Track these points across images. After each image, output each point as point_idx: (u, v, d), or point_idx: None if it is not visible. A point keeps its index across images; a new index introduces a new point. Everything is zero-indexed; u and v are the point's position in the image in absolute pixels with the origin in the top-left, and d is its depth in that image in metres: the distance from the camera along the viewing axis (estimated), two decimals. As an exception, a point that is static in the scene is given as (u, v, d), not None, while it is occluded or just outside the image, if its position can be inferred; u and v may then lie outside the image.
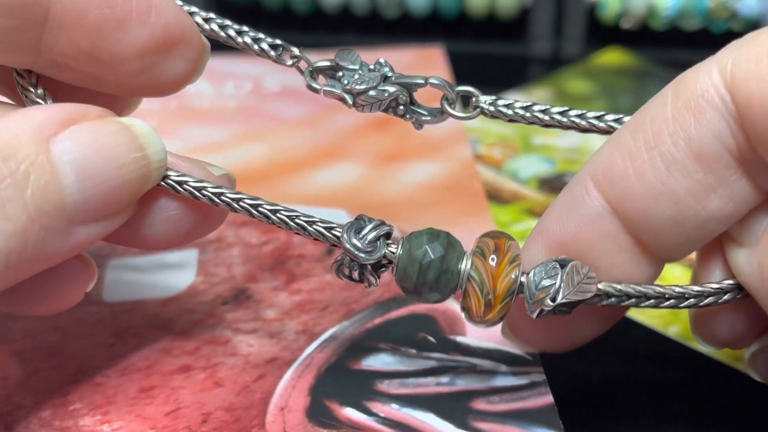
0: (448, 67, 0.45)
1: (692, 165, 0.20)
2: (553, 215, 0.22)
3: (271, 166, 0.37)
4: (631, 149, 0.21)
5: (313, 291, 0.29)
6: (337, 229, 0.22)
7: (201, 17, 0.24)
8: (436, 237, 0.22)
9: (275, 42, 0.24)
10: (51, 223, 0.20)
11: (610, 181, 0.21)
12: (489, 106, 0.24)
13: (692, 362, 0.27)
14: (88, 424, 0.24)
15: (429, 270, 0.22)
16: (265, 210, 0.22)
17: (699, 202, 0.21)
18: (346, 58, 0.23)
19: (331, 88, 0.23)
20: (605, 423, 0.25)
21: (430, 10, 0.50)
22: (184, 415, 0.24)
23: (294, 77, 0.25)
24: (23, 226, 0.19)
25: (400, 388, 0.25)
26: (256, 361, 0.26)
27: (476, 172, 0.36)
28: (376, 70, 0.23)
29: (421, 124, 0.24)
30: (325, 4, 0.50)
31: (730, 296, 0.22)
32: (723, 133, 0.20)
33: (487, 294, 0.22)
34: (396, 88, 0.23)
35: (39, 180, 0.19)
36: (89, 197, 0.20)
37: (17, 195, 0.19)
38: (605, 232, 0.21)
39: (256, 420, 0.24)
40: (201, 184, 0.22)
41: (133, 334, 0.27)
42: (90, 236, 0.21)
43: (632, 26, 0.48)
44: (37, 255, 0.20)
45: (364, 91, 0.23)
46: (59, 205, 0.20)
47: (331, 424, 0.24)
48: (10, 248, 0.19)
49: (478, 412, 0.24)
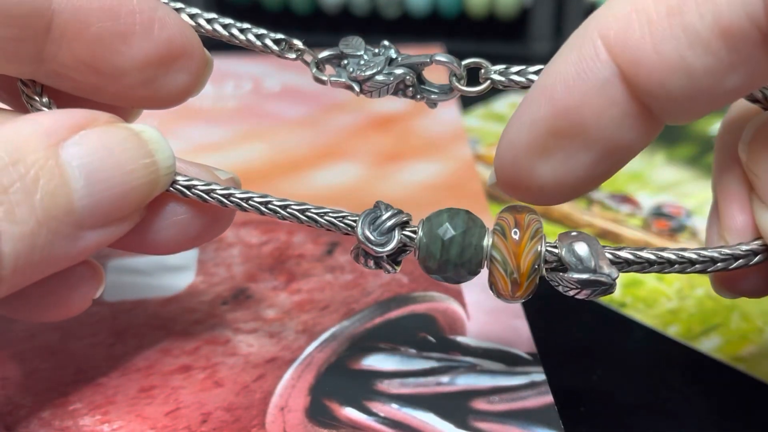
0: (448, 67, 0.45)
1: (716, 42, 0.19)
2: (557, 75, 0.21)
3: (271, 166, 0.37)
4: (650, 13, 0.19)
5: (313, 291, 0.29)
6: (350, 218, 0.22)
7: (204, 18, 0.24)
8: (456, 214, 0.22)
9: (278, 37, 0.24)
10: (59, 227, 0.20)
11: (623, 47, 0.19)
12: (499, 76, 0.23)
13: (692, 362, 0.27)
14: (88, 424, 0.24)
15: (452, 246, 0.21)
16: (275, 206, 0.22)
17: (717, 80, 0.19)
18: (351, 45, 0.23)
19: (337, 78, 0.23)
20: (605, 423, 0.25)
21: (430, 10, 0.50)
22: (184, 415, 0.24)
23: (294, 77, 0.25)
24: (31, 230, 0.19)
25: (400, 388, 0.25)
26: (256, 360, 0.26)
27: (476, 172, 0.36)
28: (380, 53, 0.23)
29: (433, 102, 0.23)
30: (325, 4, 0.50)
31: (761, 257, 0.21)
32: (756, 12, 0.18)
33: (511, 273, 0.21)
34: (402, 70, 0.23)
35: (48, 184, 0.19)
36: (98, 202, 0.20)
37: (26, 199, 0.19)
38: (613, 100, 0.20)
39: (256, 420, 0.24)
40: (209, 187, 0.22)
41: (133, 334, 0.27)
42: (98, 241, 0.21)
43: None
44: (44, 259, 0.20)
45: (371, 76, 0.23)
46: (68, 209, 0.20)
47: (331, 424, 0.24)
48: (18, 252, 0.19)
49: (478, 412, 0.24)
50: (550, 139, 0.21)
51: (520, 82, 0.23)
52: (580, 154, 0.21)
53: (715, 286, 0.23)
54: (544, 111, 0.21)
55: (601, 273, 0.21)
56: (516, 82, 0.23)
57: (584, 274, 0.21)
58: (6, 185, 0.19)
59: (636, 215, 0.34)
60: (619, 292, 0.30)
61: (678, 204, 0.34)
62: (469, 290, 0.29)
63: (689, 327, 0.28)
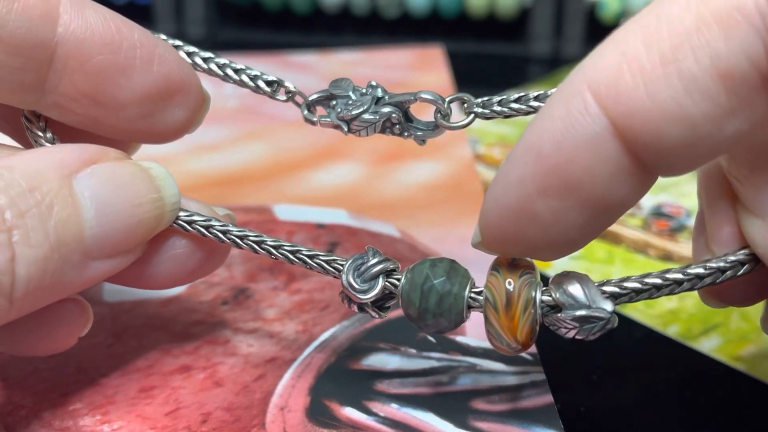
0: (448, 67, 0.45)
1: (715, 87, 0.18)
2: (545, 133, 0.19)
3: (271, 166, 0.37)
4: (643, 62, 0.18)
5: (313, 291, 0.29)
6: (339, 262, 0.22)
7: (200, 57, 0.24)
8: (438, 263, 0.22)
9: (270, 79, 0.24)
10: (69, 255, 0.20)
11: (615, 98, 0.18)
12: (482, 108, 0.23)
13: (692, 362, 0.27)
14: (88, 424, 0.24)
15: (430, 294, 0.21)
16: (268, 246, 0.23)
17: (716, 126, 0.18)
18: (340, 86, 0.24)
19: (326, 119, 0.24)
20: (605, 423, 0.25)
21: (430, 10, 0.50)
22: (184, 415, 0.24)
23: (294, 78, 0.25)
24: (45, 255, 0.20)
25: (400, 388, 0.25)
26: (256, 360, 0.26)
27: (476, 172, 0.36)
28: (367, 93, 0.24)
29: (421, 139, 0.24)
30: (325, 4, 0.50)
31: (748, 267, 0.21)
32: (756, 53, 0.17)
33: (509, 345, 0.21)
34: (389, 108, 0.23)
35: (62, 212, 0.20)
36: (106, 233, 0.21)
37: (41, 225, 0.19)
38: (605, 155, 0.19)
39: (256, 420, 0.24)
40: (209, 223, 0.23)
41: (133, 334, 0.27)
42: (102, 272, 0.21)
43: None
44: (53, 285, 0.20)
45: (357, 115, 0.23)
46: (78, 237, 0.20)
47: (331, 424, 0.24)
48: (30, 275, 0.19)
49: (478, 412, 0.24)
50: (538, 199, 0.19)
51: (503, 112, 0.23)
52: (570, 214, 0.20)
53: (702, 297, 0.23)
54: (532, 169, 0.19)
55: (596, 308, 0.21)
56: (498, 112, 0.23)
57: (579, 311, 0.21)
58: (23, 210, 0.19)
59: (636, 215, 0.34)
60: (619, 292, 0.30)
61: (678, 204, 0.34)
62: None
63: (689, 327, 0.28)
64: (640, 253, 0.32)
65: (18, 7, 0.21)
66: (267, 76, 0.25)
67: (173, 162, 0.35)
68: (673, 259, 0.31)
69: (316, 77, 0.44)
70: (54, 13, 0.21)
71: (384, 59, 0.46)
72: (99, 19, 0.22)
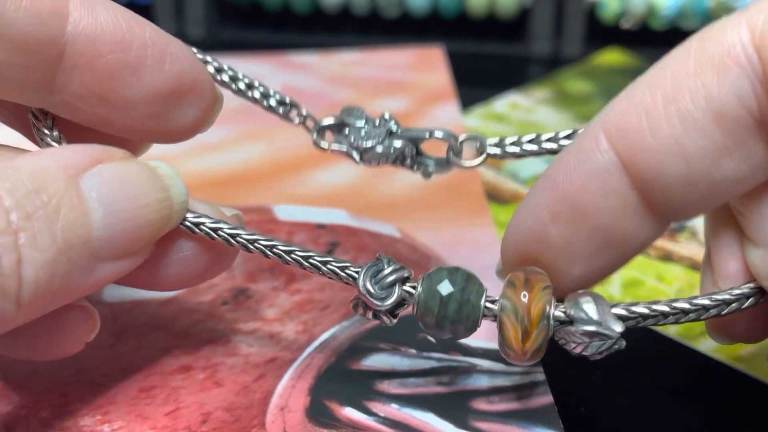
0: (448, 68, 0.45)
1: (710, 125, 0.19)
2: (561, 165, 0.21)
3: (271, 166, 0.37)
4: (647, 103, 0.20)
5: (313, 291, 0.29)
6: (352, 269, 0.22)
7: (213, 67, 0.24)
8: (455, 272, 0.22)
9: (284, 99, 0.24)
10: (77, 257, 0.20)
11: (622, 135, 0.20)
12: (495, 148, 0.24)
13: (692, 362, 0.27)
14: (88, 424, 0.24)
15: (450, 302, 0.22)
16: (280, 251, 0.22)
17: (713, 163, 0.20)
18: (352, 114, 0.24)
19: (338, 146, 0.24)
20: (605, 423, 0.25)
21: (430, 10, 0.50)
22: (184, 415, 0.24)
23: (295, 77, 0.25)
24: (52, 258, 0.19)
25: (400, 388, 0.25)
26: (256, 361, 0.26)
27: (476, 172, 0.36)
28: (381, 125, 0.24)
29: (429, 174, 0.24)
30: (325, 4, 0.50)
31: (753, 301, 0.21)
32: (746, 94, 0.19)
33: (522, 320, 0.21)
34: (401, 143, 0.23)
35: (69, 214, 0.19)
36: (114, 234, 0.20)
37: (48, 227, 0.19)
38: (612, 188, 0.21)
39: (256, 420, 0.24)
40: (217, 225, 0.22)
41: (133, 334, 0.27)
42: (111, 274, 0.21)
43: (632, 26, 0.49)
44: (61, 288, 0.20)
45: (371, 147, 0.23)
46: (86, 239, 0.20)
47: (331, 424, 0.24)
48: (38, 279, 0.19)
49: (478, 412, 0.24)
50: (551, 224, 0.21)
51: (515, 153, 0.24)
52: (579, 241, 0.21)
53: (710, 333, 0.24)
54: (546, 197, 0.21)
55: (606, 326, 0.21)
56: (512, 153, 0.24)
57: (590, 326, 0.21)
58: (30, 212, 0.19)
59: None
60: (618, 292, 0.30)
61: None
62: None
63: (689, 327, 0.28)
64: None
65: (27, 3, 0.20)
66: (279, 96, 0.24)
67: (173, 162, 0.35)
68: (672, 259, 0.31)
69: (316, 77, 0.44)
70: (64, 11, 0.21)
71: (384, 59, 0.46)
72: (110, 16, 0.22)
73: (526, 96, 0.43)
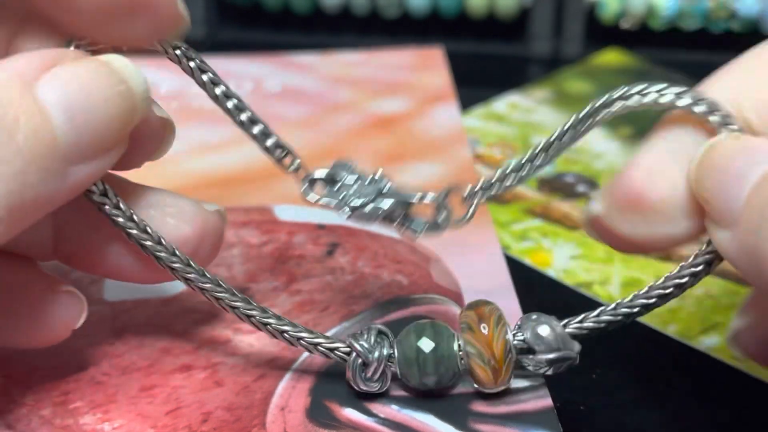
0: (448, 68, 0.45)
1: None
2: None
3: (271, 166, 0.37)
4: None
5: (314, 291, 0.29)
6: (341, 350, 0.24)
7: (221, 89, 0.24)
8: (421, 330, 0.24)
9: (280, 143, 0.24)
10: (47, 164, 0.20)
11: None
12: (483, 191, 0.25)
13: (692, 361, 0.27)
14: (89, 422, 0.24)
15: (426, 364, 0.24)
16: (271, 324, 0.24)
17: None
18: (344, 168, 0.24)
19: (326, 201, 0.24)
20: (604, 422, 0.25)
21: (430, 10, 0.50)
22: (185, 415, 0.24)
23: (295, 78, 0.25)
24: (20, 169, 0.19)
25: (400, 389, 0.25)
26: (257, 361, 0.26)
27: (476, 173, 0.36)
28: (372, 183, 0.24)
29: (415, 237, 0.24)
30: (325, 4, 0.50)
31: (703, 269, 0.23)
32: None
33: (489, 361, 0.23)
34: (391, 204, 0.24)
35: (29, 123, 0.19)
36: (81, 135, 0.20)
37: (9, 139, 0.19)
38: None
39: (256, 420, 0.24)
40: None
41: (133, 333, 0.27)
42: (87, 175, 0.21)
43: (632, 26, 0.49)
44: (37, 197, 0.20)
45: (359, 207, 0.24)
46: (52, 145, 0.20)
47: (331, 425, 0.24)
48: (10, 191, 0.19)
49: (477, 414, 0.24)
50: None
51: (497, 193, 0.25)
52: None
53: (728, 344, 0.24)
54: None
55: (565, 350, 0.23)
56: (493, 196, 0.25)
57: (551, 354, 0.23)
58: None
59: (635, 215, 0.34)
60: (618, 291, 0.30)
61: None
62: (469, 293, 0.29)
63: (688, 326, 0.28)
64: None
65: None
66: (276, 138, 0.24)
67: (173, 162, 0.35)
68: (672, 258, 0.31)
69: (316, 78, 0.44)
70: None
71: (384, 60, 0.46)
72: None
73: (526, 96, 0.43)
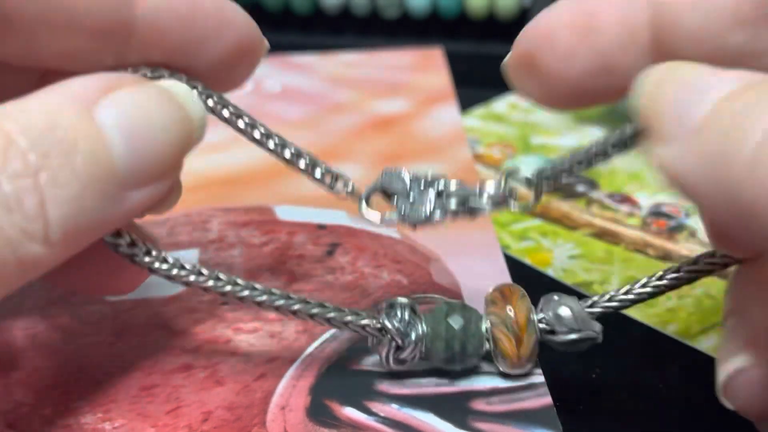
0: (448, 68, 0.45)
1: None
2: None
3: (271, 166, 0.37)
4: None
5: (314, 291, 0.29)
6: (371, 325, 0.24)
7: (260, 132, 0.24)
8: (453, 307, 0.24)
9: (329, 169, 0.24)
10: (103, 188, 0.19)
11: None
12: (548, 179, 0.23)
13: (692, 361, 0.27)
14: (90, 422, 0.24)
15: (455, 337, 0.24)
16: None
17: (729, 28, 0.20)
18: (394, 176, 0.24)
19: (389, 218, 0.24)
20: (605, 423, 0.25)
21: (430, 11, 0.50)
22: (185, 414, 0.24)
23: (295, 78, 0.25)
24: (77, 193, 0.19)
25: (400, 388, 0.25)
26: (257, 360, 0.26)
27: (476, 172, 0.36)
28: (426, 185, 0.24)
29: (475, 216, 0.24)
30: (325, 5, 0.50)
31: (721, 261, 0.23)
32: None
33: (512, 328, 0.24)
34: (455, 205, 0.23)
35: (87, 146, 0.19)
36: (137, 160, 0.20)
37: (67, 162, 0.19)
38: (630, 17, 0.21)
39: (256, 419, 0.24)
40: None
41: (134, 332, 0.27)
42: (141, 201, 0.21)
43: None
44: (92, 222, 0.20)
45: (427, 219, 0.23)
46: (109, 169, 0.20)
47: (331, 424, 0.24)
48: (65, 215, 0.19)
49: (477, 413, 0.24)
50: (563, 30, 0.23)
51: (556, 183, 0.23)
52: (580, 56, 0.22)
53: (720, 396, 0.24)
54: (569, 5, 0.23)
55: (586, 330, 0.24)
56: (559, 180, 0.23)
57: (574, 335, 0.24)
58: (46, 150, 0.18)
59: (635, 215, 0.34)
60: (618, 292, 0.30)
61: (677, 204, 0.34)
62: (469, 292, 0.29)
63: (688, 326, 0.28)
64: (639, 253, 0.32)
65: None
66: (326, 167, 0.24)
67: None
68: (672, 258, 0.31)
69: (316, 78, 0.44)
70: None
71: (384, 61, 0.46)
72: None
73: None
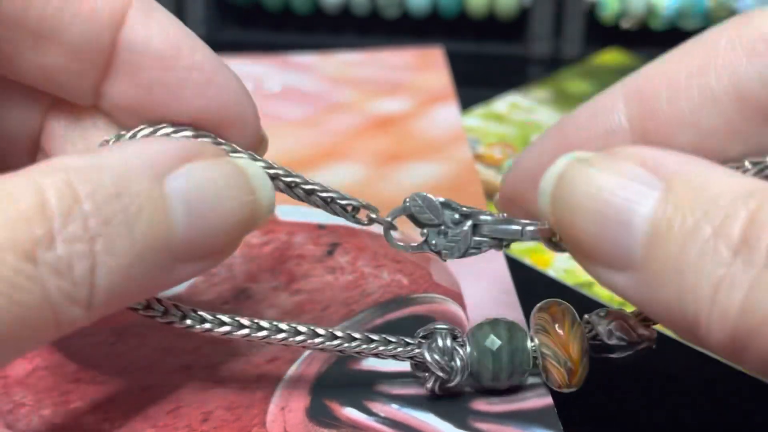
0: (448, 68, 0.45)
1: (730, 105, 0.19)
2: (574, 118, 0.22)
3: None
4: (671, 72, 0.20)
5: (314, 291, 0.29)
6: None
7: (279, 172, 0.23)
8: (496, 324, 0.24)
9: (348, 201, 0.23)
10: (156, 259, 0.19)
11: (640, 99, 0.20)
12: None
13: (692, 361, 0.27)
14: (90, 422, 0.24)
15: (501, 354, 0.24)
16: None
17: (721, 144, 0.20)
18: (424, 207, 0.23)
19: (419, 251, 0.23)
20: (605, 422, 0.25)
21: (430, 10, 0.50)
22: (185, 414, 0.24)
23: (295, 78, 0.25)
24: (129, 263, 0.18)
25: (400, 389, 0.25)
26: (257, 360, 0.26)
27: (476, 172, 0.36)
28: (460, 221, 0.23)
29: None
30: (325, 4, 0.50)
31: None
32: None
33: (565, 363, 0.23)
34: (486, 243, 0.23)
35: (150, 217, 0.19)
36: (197, 236, 0.20)
37: (127, 231, 0.18)
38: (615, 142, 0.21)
39: (256, 419, 0.24)
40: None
41: (134, 333, 0.27)
42: (191, 273, 0.20)
43: (632, 26, 0.49)
44: (138, 288, 0.19)
45: (462, 256, 0.23)
46: (167, 242, 0.19)
47: (331, 424, 0.24)
48: (112, 284, 0.18)
49: (477, 413, 0.24)
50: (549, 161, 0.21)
51: None
52: None
53: None
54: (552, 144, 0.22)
55: (640, 341, 0.24)
56: None
57: (630, 350, 0.24)
58: (109, 217, 0.18)
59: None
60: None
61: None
62: (469, 292, 0.29)
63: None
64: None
65: (85, 9, 0.20)
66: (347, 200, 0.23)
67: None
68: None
69: (316, 78, 0.44)
70: (120, 19, 0.21)
71: (384, 60, 0.46)
72: (161, 31, 0.21)
73: (526, 96, 0.43)
